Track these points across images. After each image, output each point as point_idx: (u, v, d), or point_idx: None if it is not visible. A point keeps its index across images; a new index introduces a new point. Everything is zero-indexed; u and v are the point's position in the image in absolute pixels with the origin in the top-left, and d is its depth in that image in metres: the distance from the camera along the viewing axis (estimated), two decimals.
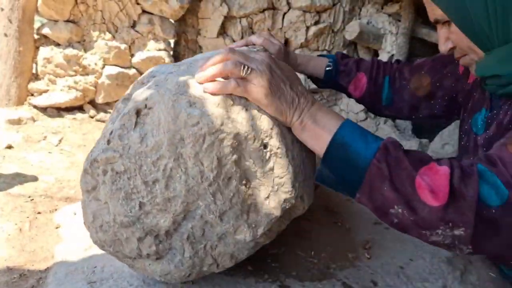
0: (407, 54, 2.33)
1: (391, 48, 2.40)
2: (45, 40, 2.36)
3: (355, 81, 1.13)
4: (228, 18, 2.32)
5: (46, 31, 2.31)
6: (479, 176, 0.62)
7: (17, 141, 2.02)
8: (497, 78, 0.77)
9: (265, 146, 0.67)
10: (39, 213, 1.42)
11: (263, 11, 2.31)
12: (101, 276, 0.80)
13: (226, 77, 0.68)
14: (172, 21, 2.41)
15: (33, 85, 2.34)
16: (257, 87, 0.66)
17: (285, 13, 2.39)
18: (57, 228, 1.30)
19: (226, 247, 0.71)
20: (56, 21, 2.30)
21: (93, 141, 2.22)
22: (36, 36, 2.36)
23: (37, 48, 2.36)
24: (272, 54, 0.98)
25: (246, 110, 0.67)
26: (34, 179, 1.71)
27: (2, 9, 2.21)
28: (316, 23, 2.41)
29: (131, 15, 2.36)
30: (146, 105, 0.67)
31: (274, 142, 0.67)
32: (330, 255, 0.95)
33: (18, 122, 2.18)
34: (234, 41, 2.35)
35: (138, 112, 0.67)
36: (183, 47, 2.46)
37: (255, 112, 0.67)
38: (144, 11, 2.36)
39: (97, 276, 0.80)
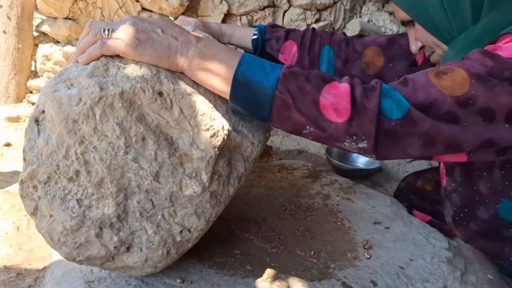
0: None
1: None
2: (44, 37, 2.35)
3: (284, 50, 1.07)
4: (228, 16, 2.32)
5: (45, 28, 2.30)
6: (381, 92, 0.65)
7: (15, 139, 2.01)
8: None
9: (160, 94, 0.65)
10: None
11: (263, 8, 2.30)
12: (99, 275, 0.80)
13: None
14: (172, 19, 2.40)
15: (32, 83, 2.33)
16: (121, 41, 0.65)
17: (285, 11, 2.38)
18: None
19: (184, 208, 0.69)
20: (55, 18, 2.30)
21: None
22: (35, 34, 2.36)
23: (36, 45, 2.35)
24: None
25: (124, 67, 0.65)
26: None
27: (1, 6, 2.21)
28: (317, 21, 2.41)
29: (130, 13, 2.35)
30: (40, 111, 0.68)
31: (168, 86, 0.66)
32: (329, 255, 0.95)
33: (16, 119, 2.18)
34: None
35: (37, 120, 0.68)
36: None
37: (132, 66, 0.66)
38: (143, 9, 2.35)
39: (95, 276, 0.80)
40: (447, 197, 0.95)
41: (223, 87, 0.67)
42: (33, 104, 2.33)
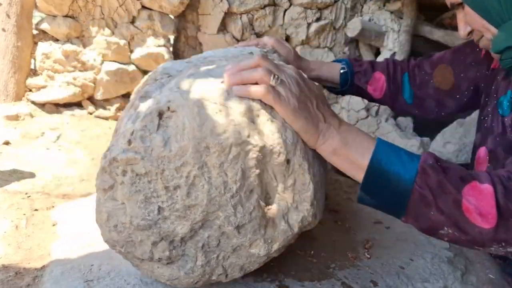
0: (409, 52, 2.33)
1: (393, 45, 2.40)
2: (44, 35, 2.35)
3: (373, 81, 1.12)
4: (228, 14, 2.31)
5: (44, 26, 2.30)
6: None
7: (14, 137, 2.01)
8: (510, 50, 0.78)
9: (288, 161, 0.66)
10: (36, 210, 1.41)
11: (263, 7, 2.30)
12: (98, 274, 0.80)
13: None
14: (172, 17, 2.40)
15: (31, 81, 2.33)
16: (286, 100, 0.64)
17: (286, 10, 2.38)
18: (54, 225, 1.29)
19: (238, 258, 0.70)
20: (54, 16, 2.29)
21: (91, 137, 2.22)
22: (34, 32, 2.35)
23: (36, 43, 2.35)
24: (282, 55, 0.98)
25: (272, 122, 0.65)
26: (32, 175, 1.71)
27: (1, 4, 2.20)
28: (318, 20, 2.41)
29: (130, 11, 2.35)
30: (169, 108, 0.65)
31: (298, 159, 0.66)
32: (329, 255, 0.95)
33: (15, 118, 2.17)
34: (234, 37, 2.34)
35: (160, 114, 0.65)
36: (183, 43, 2.45)
37: (280, 125, 0.65)
38: (143, 7, 2.35)
39: (94, 275, 0.80)
40: None
41: (357, 174, 0.66)
42: (32, 102, 2.33)
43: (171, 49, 2.43)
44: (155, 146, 0.63)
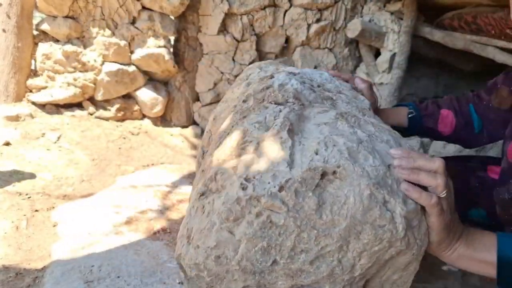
0: (409, 53, 2.33)
1: (393, 46, 2.40)
2: (44, 36, 2.35)
3: (442, 119, 1.14)
4: (228, 15, 2.32)
5: (45, 27, 2.30)
6: None
7: (15, 138, 2.01)
8: None
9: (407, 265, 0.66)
10: (36, 211, 1.41)
11: (264, 8, 2.30)
12: (98, 275, 0.80)
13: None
14: (172, 18, 2.40)
15: (32, 82, 2.33)
16: (445, 216, 0.64)
17: (286, 11, 2.38)
18: (54, 226, 1.29)
19: None
20: (55, 17, 2.30)
21: (91, 138, 2.22)
22: (35, 32, 2.36)
23: (36, 44, 2.35)
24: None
25: (420, 227, 0.64)
26: (32, 176, 1.71)
27: (1, 4, 2.21)
28: (318, 20, 2.41)
29: (131, 12, 2.35)
30: (335, 172, 0.61)
31: (416, 248, 0.65)
32: None
33: (16, 118, 2.18)
34: (234, 38, 2.34)
35: (323, 175, 0.61)
36: (183, 44, 2.46)
37: (423, 229, 0.64)
38: (144, 8, 2.35)
39: (94, 275, 0.80)
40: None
41: (489, 272, 0.67)
42: (33, 103, 2.33)
43: (171, 49, 2.44)
44: (307, 206, 0.59)
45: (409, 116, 1.14)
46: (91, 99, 2.47)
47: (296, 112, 0.69)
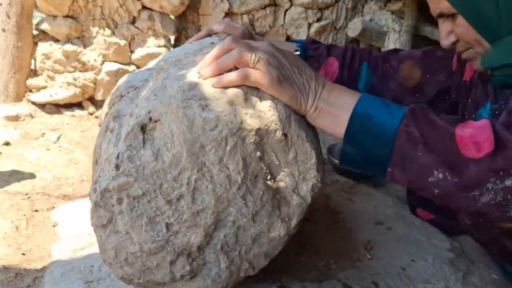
0: None
1: (394, 46, 2.39)
2: (44, 35, 2.35)
3: (326, 66, 1.05)
4: (229, 15, 2.31)
5: (45, 26, 2.30)
6: None
7: (14, 138, 2.01)
8: (507, 68, 0.75)
9: (285, 135, 0.64)
10: (36, 211, 1.41)
11: (264, 7, 2.30)
12: (98, 275, 0.80)
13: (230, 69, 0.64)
14: (173, 17, 2.40)
15: (32, 81, 2.33)
16: (268, 75, 0.62)
17: (286, 10, 2.38)
18: (54, 226, 1.29)
19: (260, 247, 0.68)
20: (55, 16, 2.30)
21: (91, 138, 2.22)
22: (34, 32, 2.36)
23: (36, 43, 2.35)
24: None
25: (261, 101, 0.63)
26: (32, 176, 1.71)
27: (0, 4, 2.21)
28: (318, 20, 2.40)
29: (131, 11, 2.35)
30: (150, 118, 0.62)
31: (294, 130, 0.65)
32: (330, 256, 0.95)
33: (16, 118, 2.18)
34: None
35: (143, 128, 0.62)
36: (183, 44, 2.45)
37: (270, 102, 0.64)
38: (144, 7, 2.35)
39: (94, 276, 0.80)
40: None
41: (341, 127, 0.63)
42: (33, 103, 2.33)
43: (171, 49, 2.44)
44: (146, 162, 0.60)
45: (295, 53, 1.01)
46: (91, 99, 2.47)
47: (127, 98, 0.72)
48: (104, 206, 0.62)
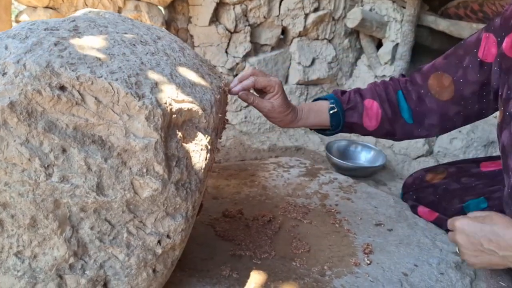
0: (413, 43, 2.29)
1: (395, 36, 2.36)
2: None
3: (367, 112, 1.04)
4: (220, 5, 2.27)
5: (24, 18, 2.25)
6: None
7: None
8: None
9: (62, 88, 0.57)
10: None
11: None
12: None
13: None
14: (161, 8, 2.35)
15: None
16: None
17: (282, 0, 2.33)
18: None
19: (151, 214, 0.63)
20: (34, 7, 2.25)
21: None
22: (14, 24, 2.30)
23: None
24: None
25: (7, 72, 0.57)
26: None
27: None
28: (316, 10, 2.36)
29: (116, 1, 2.30)
30: None
31: (68, 75, 0.57)
32: (326, 260, 0.90)
33: None
34: (227, 29, 2.30)
35: None
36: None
37: (13, 67, 0.57)
38: None
39: None
40: None
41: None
42: None
43: None
44: None
45: (331, 112, 1.03)
46: None
47: None
48: None
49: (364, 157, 1.75)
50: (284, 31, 2.40)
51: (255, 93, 0.96)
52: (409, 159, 1.80)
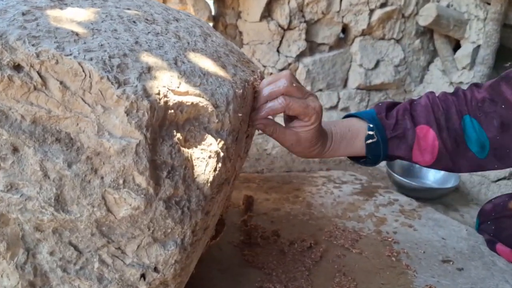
0: (497, 46, 2.13)
1: (477, 37, 2.21)
2: None
3: (418, 143, 0.85)
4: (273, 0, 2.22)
5: None
6: None
7: None
8: None
9: (17, 68, 0.49)
10: None
11: None
12: None
13: None
14: (208, 2, 2.33)
15: None
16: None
17: None
18: None
19: (132, 239, 0.53)
20: None
21: None
22: None
23: None
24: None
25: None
26: None
27: None
28: (383, 5, 2.26)
29: None
30: None
31: (25, 50, 0.48)
32: None
33: None
34: (280, 26, 2.23)
35: None
36: (221, 32, 2.37)
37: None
38: None
39: None
40: None
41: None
42: None
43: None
44: None
45: (367, 142, 0.84)
46: None
47: None
48: None
49: (433, 176, 1.62)
50: (344, 29, 2.31)
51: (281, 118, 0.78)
52: (487, 181, 1.64)
